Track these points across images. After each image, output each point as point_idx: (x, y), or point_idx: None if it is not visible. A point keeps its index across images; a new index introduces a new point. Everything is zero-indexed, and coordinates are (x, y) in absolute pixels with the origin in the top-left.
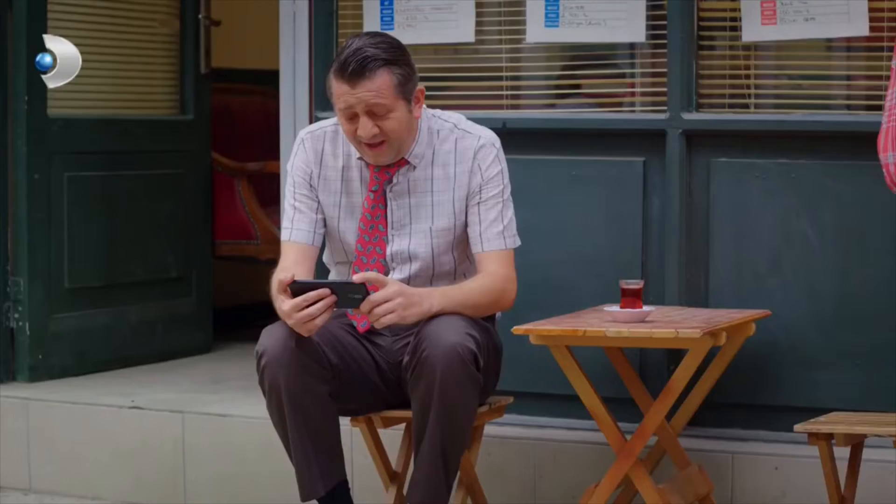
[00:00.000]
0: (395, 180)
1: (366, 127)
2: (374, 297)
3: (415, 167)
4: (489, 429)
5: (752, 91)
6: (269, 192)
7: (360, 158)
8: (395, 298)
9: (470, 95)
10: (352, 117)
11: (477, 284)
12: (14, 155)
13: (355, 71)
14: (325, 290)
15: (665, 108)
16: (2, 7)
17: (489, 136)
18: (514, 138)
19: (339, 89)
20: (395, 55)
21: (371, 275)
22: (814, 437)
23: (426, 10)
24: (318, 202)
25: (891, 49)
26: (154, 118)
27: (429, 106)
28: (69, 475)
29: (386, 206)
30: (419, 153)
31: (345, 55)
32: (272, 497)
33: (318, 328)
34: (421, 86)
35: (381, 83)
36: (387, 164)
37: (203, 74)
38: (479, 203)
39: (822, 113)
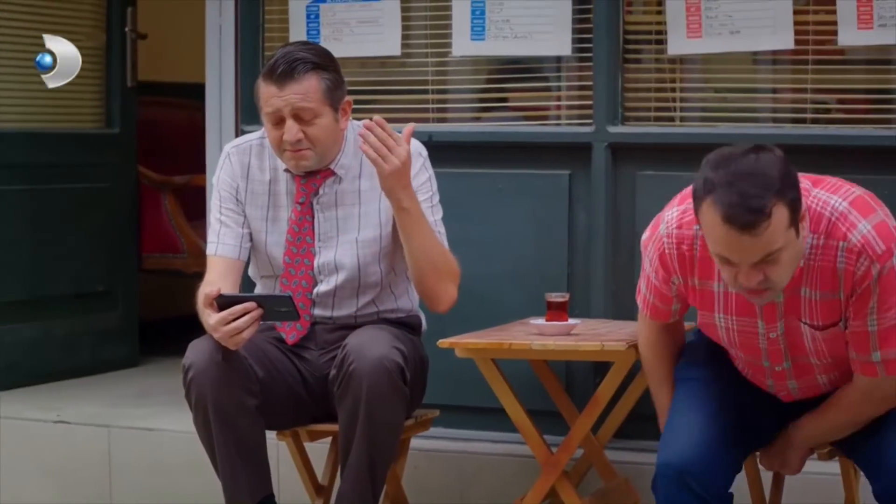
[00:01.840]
0: (321, 192)
1: (291, 131)
2: (395, 135)
3: (342, 179)
4: (415, 442)
5: (678, 104)
6: (195, 206)
7: (286, 170)
8: (402, 157)
9: (396, 109)
10: (278, 122)
11: (445, 248)
12: None
13: (284, 72)
14: (252, 304)
15: (591, 121)
16: None
17: (415, 146)
18: (440, 151)
19: (266, 92)
20: (325, 61)
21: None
22: None
23: (352, 24)
24: (245, 216)
25: (816, 62)
26: (80, 132)
27: (355, 119)
28: None
29: (313, 217)
30: (346, 164)
31: (274, 58)
32: None
33: (245, 342)
34: (349, 98)
35: (308, 86)
36: (312, 176)
37: (129, 88)
38: None
39: (748, 126)
